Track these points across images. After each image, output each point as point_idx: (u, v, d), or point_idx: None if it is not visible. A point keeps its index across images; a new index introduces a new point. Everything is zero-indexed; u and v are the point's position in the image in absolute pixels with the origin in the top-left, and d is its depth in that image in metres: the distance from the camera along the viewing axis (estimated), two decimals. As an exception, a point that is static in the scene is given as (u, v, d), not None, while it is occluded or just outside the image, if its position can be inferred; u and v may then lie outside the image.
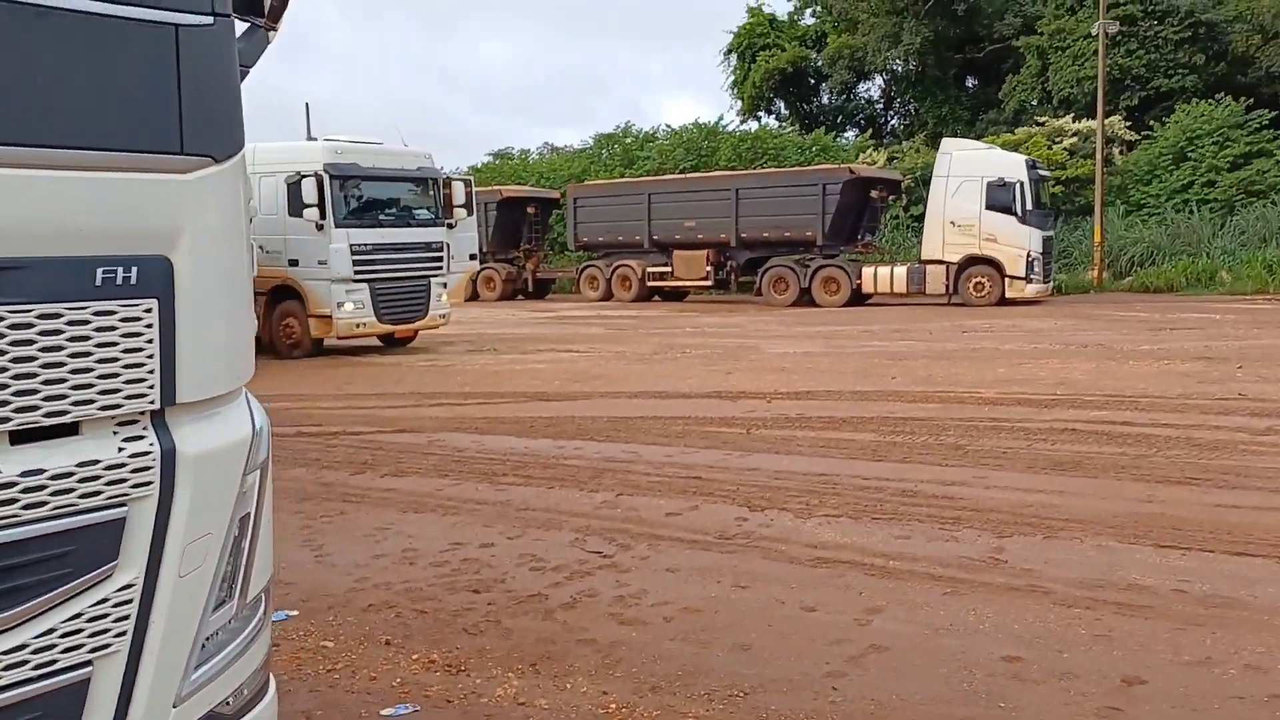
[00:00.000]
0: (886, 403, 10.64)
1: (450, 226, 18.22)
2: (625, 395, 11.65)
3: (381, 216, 17.24)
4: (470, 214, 18.76)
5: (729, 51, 50.58)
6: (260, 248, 16.76)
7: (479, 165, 45.30)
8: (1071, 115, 36.31)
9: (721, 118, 41.27)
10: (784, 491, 6.86)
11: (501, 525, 6.18)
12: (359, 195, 16.98)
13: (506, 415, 10.38)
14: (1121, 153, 35.42)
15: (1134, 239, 31.01)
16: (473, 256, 19.50)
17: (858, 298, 26.92)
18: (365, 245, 16.66)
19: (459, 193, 18.30)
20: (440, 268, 17.85)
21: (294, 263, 16.65)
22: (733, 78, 50.41)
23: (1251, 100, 33.20)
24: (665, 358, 15.68)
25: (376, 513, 6.55)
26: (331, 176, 16.23)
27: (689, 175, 33.68)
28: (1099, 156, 31.06)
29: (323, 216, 16.15)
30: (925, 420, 9.45)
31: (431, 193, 17.97)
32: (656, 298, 31.08)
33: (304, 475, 7.74)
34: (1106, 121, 32.09)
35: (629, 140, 41.58)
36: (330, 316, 16.48)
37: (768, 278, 28.10)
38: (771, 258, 28.33)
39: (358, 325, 16.73)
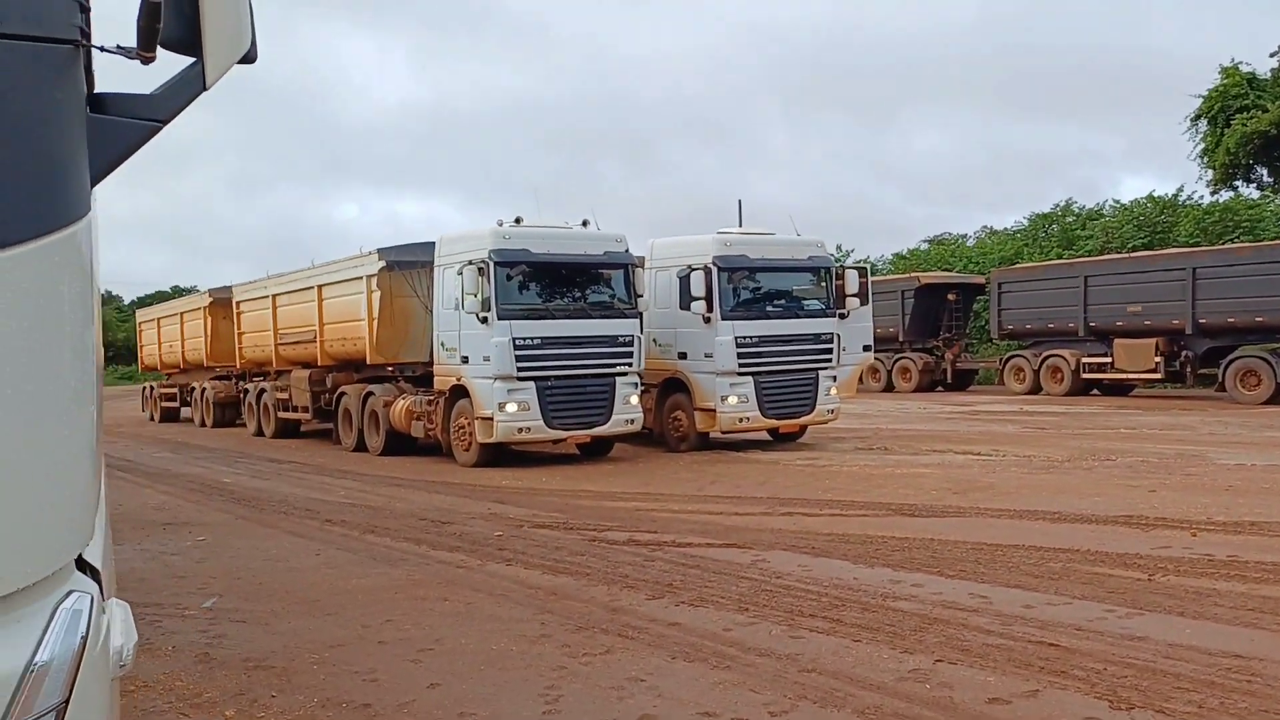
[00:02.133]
0: (1369, 548, 7.95)
1: (842, 317, 17.25)
2: (1008, 514, 9.85)
3: (769, 308, 16.68)
4: (864, 303, 17.65)
5: (1197, 117, 45.01)
6: (654, 341, 16.96)
7: (904, 252, 43.94)
8: None
9: (1181, 189, 36.41)
10: (1171, 679, 5.02)
11: (772, 692, 5.03)
12: (748, 286, 16.58)
13: (855, 532, 9.11)
14: None
15: None
16: (866, 348, 18.28)
17: (1359, 397, 21.91)
18: (752, 338, 16.16)
19: (852, 282, 17.30)
20: (829, 360, 16.87)
21: (683, 355, 16.57)
22: (1202, 145, 44.71)
23: None
24: (1078, 466, 13.40)
25: (642, 656, 5.68)
26: (720, 269, 16.00)
27: (1133, 255, 29.89)
28: None
29: (710, 309, 15.92)
30: None
31: (823, 282, 17.16)
32: (1095, 392, 27.63)
33: (601, 596, 7.10)
34: None
35: (1069, 219, 38.06)
36: (715, 410, 16.11)
37: (1233, 370, 23.83)
38: (1238, 347, 24.03)
39: (740, 420, 16.17)
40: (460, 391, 15.32)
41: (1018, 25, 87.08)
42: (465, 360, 15.04)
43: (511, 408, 14.46)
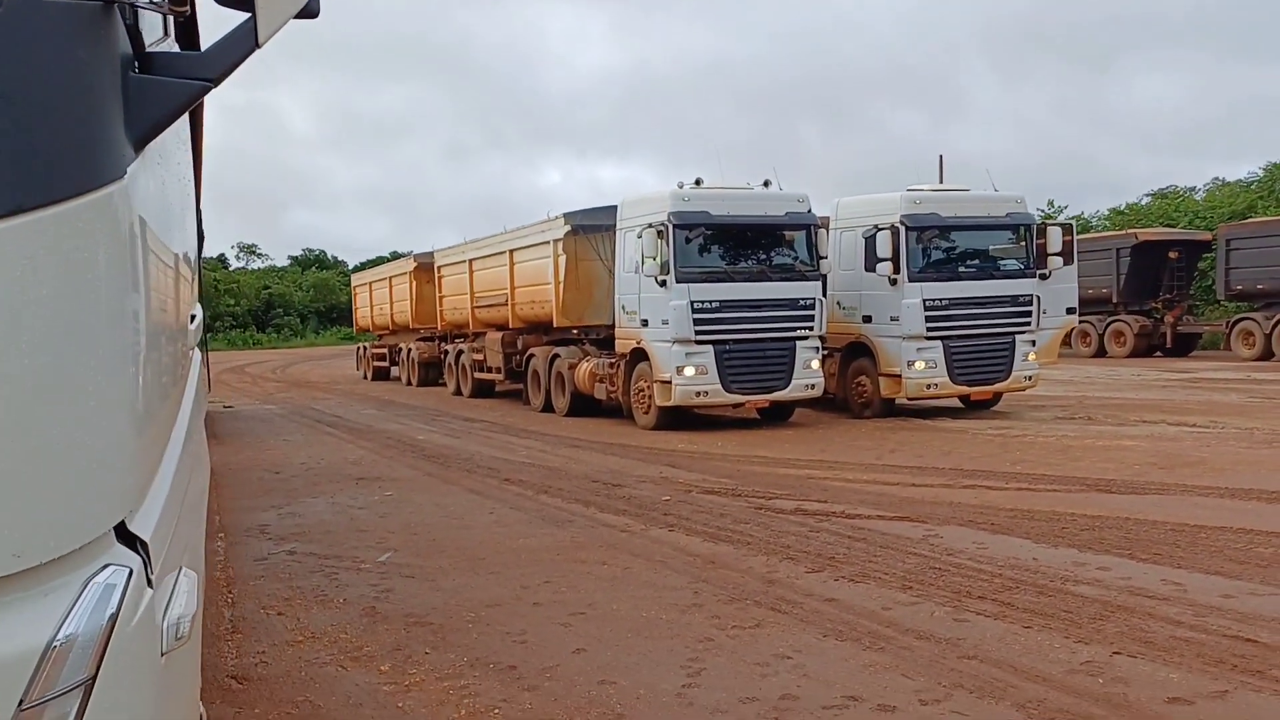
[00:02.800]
0: None
1: (1044, 277, 16.21)
2: (1217, 493, 9.00)
3: (962, 269, 15.86)
4: (1069, 263, 16.49)
5: None
6: (838, 304, 16.49)
7: (1123, 208, 41.02)
8: None
9: None
10: (1394, 690, 4.42)
11: (926, 678, 4.74)
12: (939, 246, 15.81)
13: (1042, 508, 8.54)
14: None
15: None
16: (1070, 311, 17.10)
17: None
18: (941, 300, 15.43)
19: (1054, 240, 16.18)
20: (1028, 324, 15.91)
21: (867, 319, 16.03)
22: None
23: None
24: (1311, 442, 12.13)
25: (793, 632, 5.49)
26: (908, 228, 15.33)
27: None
28: None
29: (896, 270, 15.30)
30: None
31: (1023, 241, 16.16)
32: (1343, 360, 25.02)
33: (759, 566, 6.93)
34: None
35: (1313, 168, 34.49)
36: (900, 376, 15.53)
37: None
38: None
39: (928, 386, 15.51)
40: (640, 354, 15.38)
41: None
42: (645, 324, 15.06)
43: (689, 371, 14.44)
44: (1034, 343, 16.08)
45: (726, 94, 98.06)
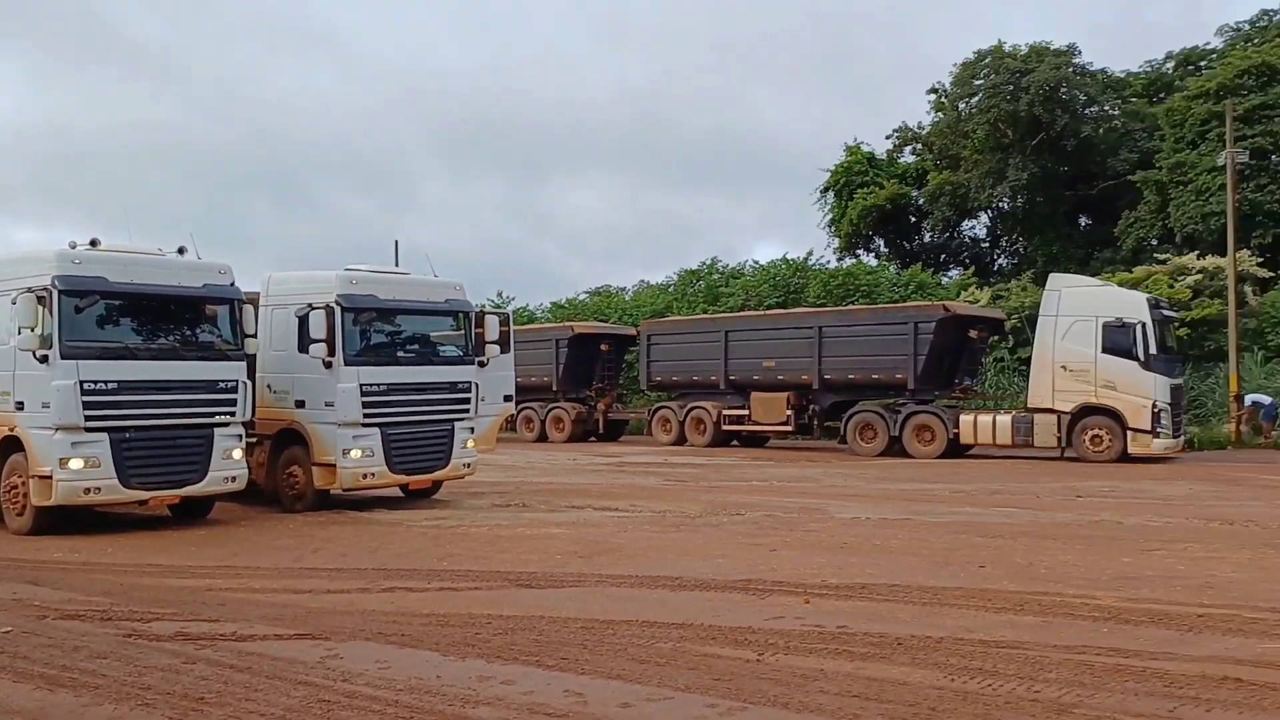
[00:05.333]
0: (967, 610, 7.93)
1: (482, 365, 16.25)
2: (629, 582, 9.16)
3: (401, 353, 15.36)
4: (506, 351, 16.77)
5: (825, 189, 49.07)
6: (268, 387, 15.11)
7: (563, 302, 44.08)
8: (1196, 253, 33.16)
9: (811, 253, 39.21)
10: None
11: None
12: (378, 329, 15.16)
13: (458, 611, 7.99)
14: (1255, 292, 31.98)
15: (1276, 388, 27.35)
16: (508, 398, 17.37)
17: (955, 449, 23.97)
18: (379, 385, 14.72)
19: (493, 328, 16.35)
20: (467, 411, 15.77)
21: (300, 404, 14.82)
22: (830, 216, 48.74)
23: None
24: (709, 523, 13.17)
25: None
26: (344, 309, 14.48)
27: (768, 312, 31.60)
28: (1231, 297, 27.82)
29: (331, 353, 14.34)
30: (1016, 649, 6.72)
31: (462, 328, 16.09)
32: (734, 443, 28.56)
33: None
34: (1237, 257, 28.90)
35: (714, 276, 39.78)
36: (335, 465, 14.48)
37: (854, 424, 25.40)
38: (859, 402, 25.68)
39: (365, 476, 14.62)
40: (14, 443, 12.70)
41: (650, 102, 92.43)
42: (20, 406, 12.48)
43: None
44: (473, 430, 15.98)
45: (170, 166, 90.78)
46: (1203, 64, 43.66)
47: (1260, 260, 32.85)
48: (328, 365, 14.36)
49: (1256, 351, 29.28)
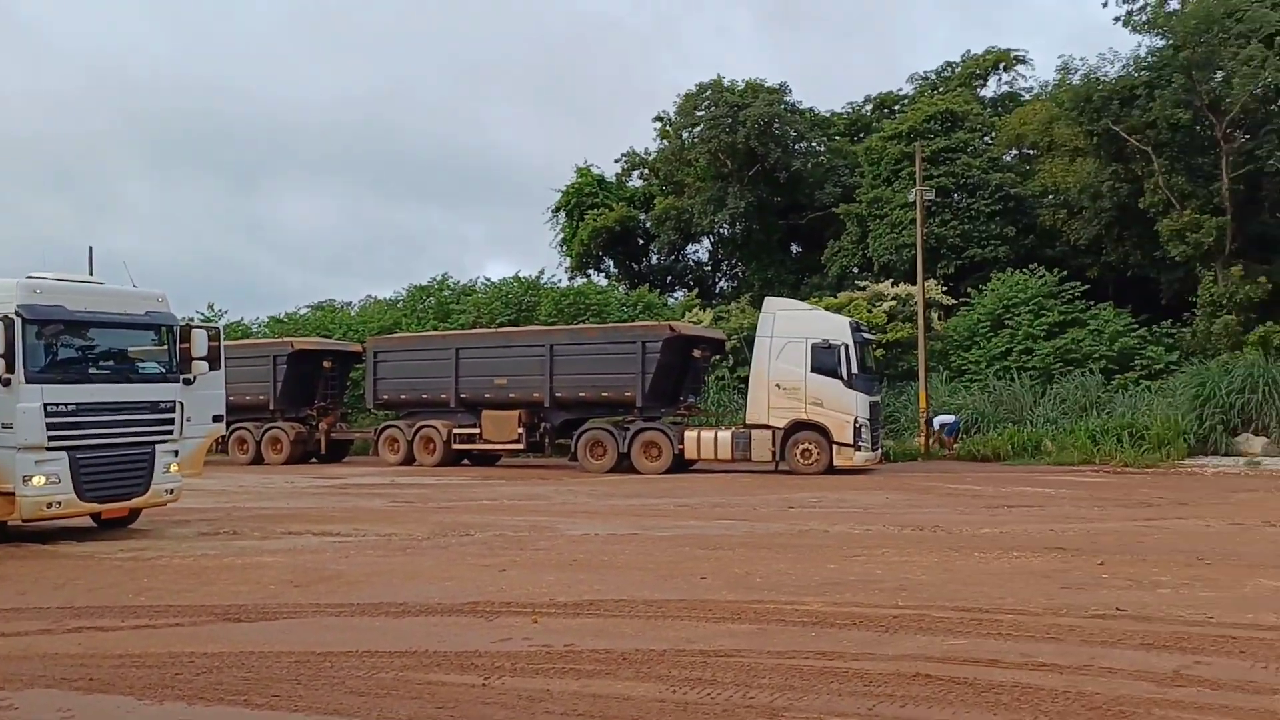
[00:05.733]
0: (688, 622, 8.16)
1: (188, 383, 15.08)
2: (348, 610, 8.76)
3: (94, 370, 14.03)
4: (216, 368, 15.64)
5: (557, 209, 49.65)
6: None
7: (283, 317, 41.97)
8: (891, 280, 36.26)
9: (543, 272, 39.56)
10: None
11: None
12: (67, 344, 13.77)
13: (157, 650, 7.33)
14: (940, 318, 35.35)
15: (957, 405, 30.33)
16: (217, 418, 16.20)
17: (680, 463, 24.86)
18: (67, 405, 13.35)
19: (200, 343, 15.17)
20: (170, 432, 14.59)
21: (-22, 426, 13.23)
22: (561, 235, 49.35)
23: (1065, 273, 33.84)
24: (437, 545, 12.87)
25: None
26: (25, 320, 13.04)
27: (500, 330, 31.54)
28: (920, 322, 30.62)
29: (10, 370, 12.89)
30: (733, 656, 6.98)
31: (165, 343, 14.88)
32: (465, 461, 28.20)
33: None
34: (925, 285, 31.88)
35: (445, 293, 39.25)
36: (15, 494, 12.98)
37: (584, 441, 25.79)
38: (588, 419, 26.09)
39: (49, 505, 13.21)
40: None
41: (374, 108, 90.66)
42: None
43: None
44: (177, 453, 14.82)
45: None
46: (896, 108, 47.93)
47: (945, 289, 36.37)
48: (5, 383, 12.91)
49: (942, 371, 32.34)
